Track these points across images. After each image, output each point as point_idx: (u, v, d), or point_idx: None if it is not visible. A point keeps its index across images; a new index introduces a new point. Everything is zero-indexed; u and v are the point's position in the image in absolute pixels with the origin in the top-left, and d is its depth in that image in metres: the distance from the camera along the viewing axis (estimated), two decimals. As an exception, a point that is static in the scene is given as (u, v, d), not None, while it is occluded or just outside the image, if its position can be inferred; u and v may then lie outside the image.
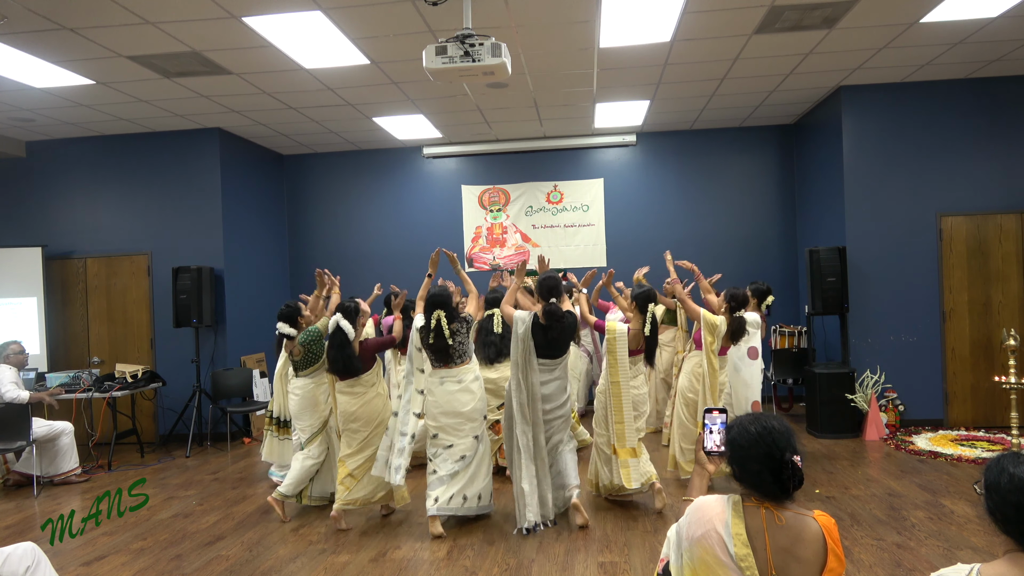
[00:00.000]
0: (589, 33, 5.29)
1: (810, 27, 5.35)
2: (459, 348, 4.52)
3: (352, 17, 4.80)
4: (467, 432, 4.50)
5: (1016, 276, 6.86)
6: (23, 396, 5.91)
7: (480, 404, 4.56)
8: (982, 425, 6.80)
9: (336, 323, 4.52)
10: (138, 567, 4.08)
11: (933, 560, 3.73)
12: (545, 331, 4.40)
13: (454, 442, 4.49)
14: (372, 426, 4.64)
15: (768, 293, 5.66)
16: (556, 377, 4.52)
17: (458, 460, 4.48)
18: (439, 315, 4.40)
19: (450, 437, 4.50)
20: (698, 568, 1.86)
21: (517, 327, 4.42)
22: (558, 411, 4.52)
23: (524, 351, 4.40)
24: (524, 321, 4.43)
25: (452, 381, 4.51)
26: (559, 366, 4.54)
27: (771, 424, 1.90)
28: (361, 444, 4.64)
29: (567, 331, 4.46)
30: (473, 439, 4.52)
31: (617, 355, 4.57)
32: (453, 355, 4.50)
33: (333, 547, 4.28)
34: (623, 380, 4.57)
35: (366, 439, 4.64)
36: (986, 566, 1.58)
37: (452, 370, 4.52)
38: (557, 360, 4.51)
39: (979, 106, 6.94)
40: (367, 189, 9.13)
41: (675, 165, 8.74)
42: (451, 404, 4.48)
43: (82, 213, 7.86)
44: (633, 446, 4.56)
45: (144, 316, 7.78)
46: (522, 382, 4.41)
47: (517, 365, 4.42)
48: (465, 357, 4.57)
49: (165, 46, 5.19)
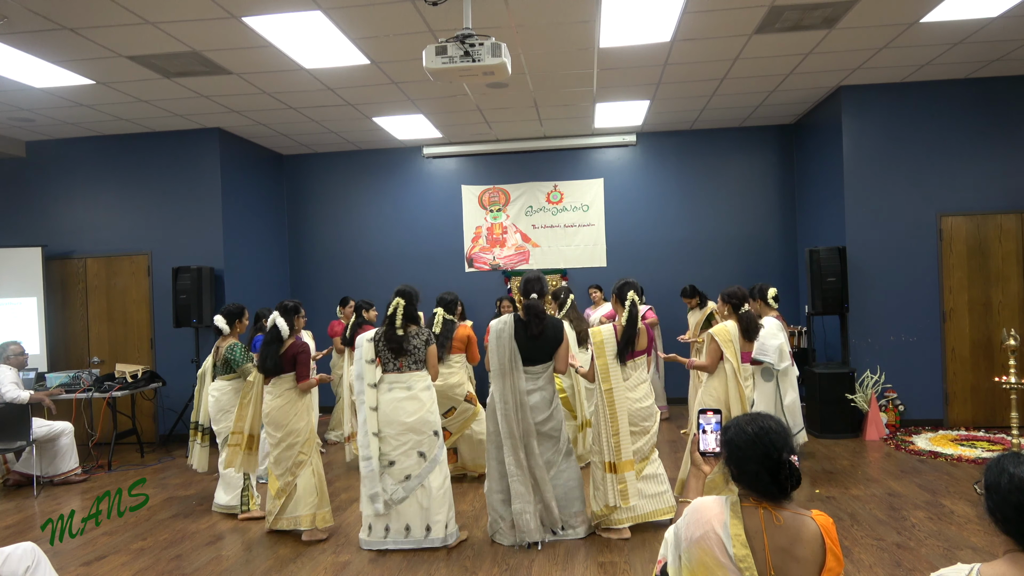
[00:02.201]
0: (589, 33, 5.29)
1: (810, 27, 5.35)
2: (414, 352, 4.21)
3: (352, 17, 4.80)
4: (410, 447, 4.11)
5: (1016, 276, 6.85)
6: (23, 396, 5.90)
7: (429, 417, 4.17)
8: (982, 425, 6.80)
9: (273, 321, 4.42)
10: (138, 567, 4.08)
11: (933, 560, 3.73)
12: (527, 328, 4.12)
13: (396, 459, 4.11)
14: (283, 431, 4.32)
15: (767, 289, 5.57)
16: (539, 387, 4.17)
17: (402, 481, 4.11)
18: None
19: (392, 452, 4.12)
20: (696, 569, 1.86)
21: (499, 333, 4.14)
22: (543, 426, 4.16)
23: (510, 356, 4.10)
24: (506, 323, 4.18)
25: (400, 387, 4.18)
26: (543, 375, 4.20)
27: (768, 424, 1.90)
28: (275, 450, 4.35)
29: (549, 331, 4.16)
30: (418, 456, 4.11)
31: (606, 359, 4.19)
32: (407, 356, 4.19)
33: (333, 547, 4.28)
34: (616, 386, 4.15)
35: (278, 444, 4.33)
36: (986, 566, 1.58)
37: (402, 375, 4.19)
38: (540, 367, 4.19)
39: (979, 106, 6.94)
40: (367, 189, 9.13)
41: (675, 165, 8.74)
42: (395, 413, 4.13)
43: (82, 213, 7.86)
44: (631, 459, 4.11)
45: (144, 316, 7.79)
46: (507, 391, 4.10)
47: (502, 373, 4.11)
48: (419, 365, 4.23)
49: (165, 46, 5.19)
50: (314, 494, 4.37)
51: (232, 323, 5.11)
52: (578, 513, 4.26)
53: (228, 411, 4.97)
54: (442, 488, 4.16)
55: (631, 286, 4.28)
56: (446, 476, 4.22)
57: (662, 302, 8.07)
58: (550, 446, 4.21)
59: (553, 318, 4.27)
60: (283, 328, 4.39)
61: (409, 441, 4.12)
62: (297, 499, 4.36)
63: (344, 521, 4.73)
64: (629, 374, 4.24)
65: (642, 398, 4.24)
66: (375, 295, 7.00)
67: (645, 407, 4.23)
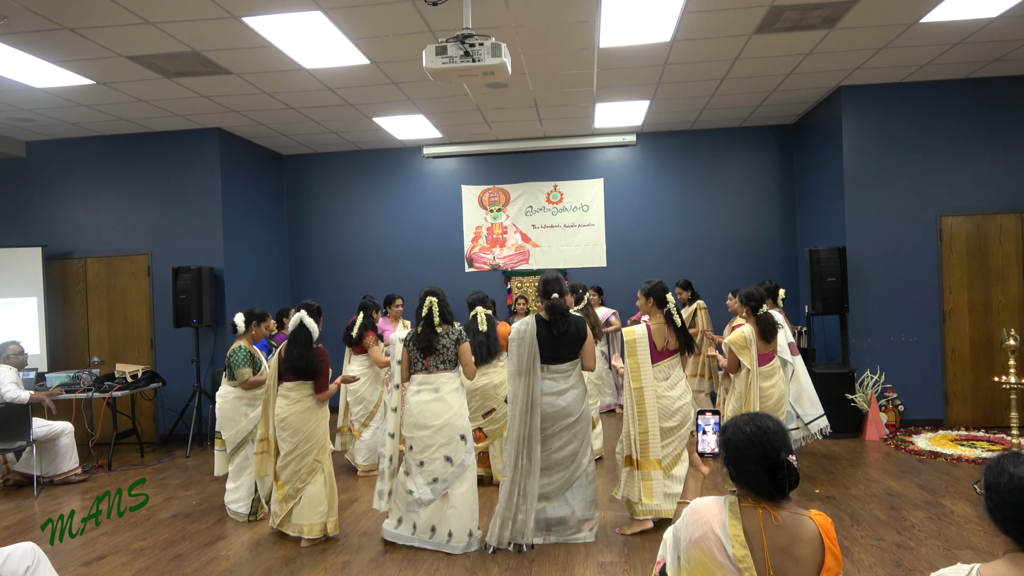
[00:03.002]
0: (589, 33, 5.29)
1: (810, 27, 5.35)
2: (443, 352, 4.19)
3: (352, 17, 4.80)
4: (437, 450, 4.08)
5: (1016, 276, 6.85)
6: (23, 396, 5.91)
7: (456, 420, 4.12)
8: (982, 425, 6.80)
9: (299, 320, 4.30)
10: (138, 567, 4.08)
11: (933, 560, 3.73)
12: (549, 328, 4.09)
13: (424, 459, 4.12)
14: (299, 437, 4.24)
15: (778, 288, 5.77)
16: (571, 386, 4.12)
17: (431, 483, 4.09)
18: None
19: (420, 454, 4.13)
20: (696, 570, 1.86)
21: (522, 335, 4.10)
22: (576, 425, 4.12)
23: (530, 356, 4.07)
24: (527, 324, 4.13)
25: (428, 390, 4.15)
26: (572, 372, 4.16)
27: (766, 424, 1.90)
28: (288, 456, 4.27)
29: (573, 329, 4.13)
30: (444, 460, 4.08)
31: (638, 358, 4.21)
32: (436, 356, 4.18)
33: (333, 547, 4.28)
34: (647, 385, 4.16)
35: (292, 451, 4.25)
36: (986, 566, 1.58)
37: (430, 376, 4.18)
38: (568, 365, 4.15)
39: (979, 106, 6.94)
40: (367, 189, 9.13)
41: (675, 165, 8.74)
42: (422, 416, 4.11)
43: (82, 213, 7.86)
44: (658, 458, 4.11)
45: (144, 316, 7.79)
46: (520, 392, 4.07)
47: (520, 374, 4.08)
48: (447, 365, 4.20)
49: (165, 46, 5.19)
50: (324, 502, 4.29)
51: (249, 324, 4.98)
52: (587, 519, 4.21)
53: (232, 419, 4.92)
54: (467, 495, 4.12)
55: (666, 288, 4.33)
56: (473, 482, 4.18)
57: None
58: (576, 446, 4.15)
59: (576, 315, 4.25)
60: (313, 328, 4.31)
61: (435, 443, 4.09)
62: (302, 508, 4.27)
63: (343, 521, 4.72)
64: (668, 372, 4.27)
65: (680, 396, 4.26)
66: (375, 295, 6.98)
67: (684, 404, 4.25)
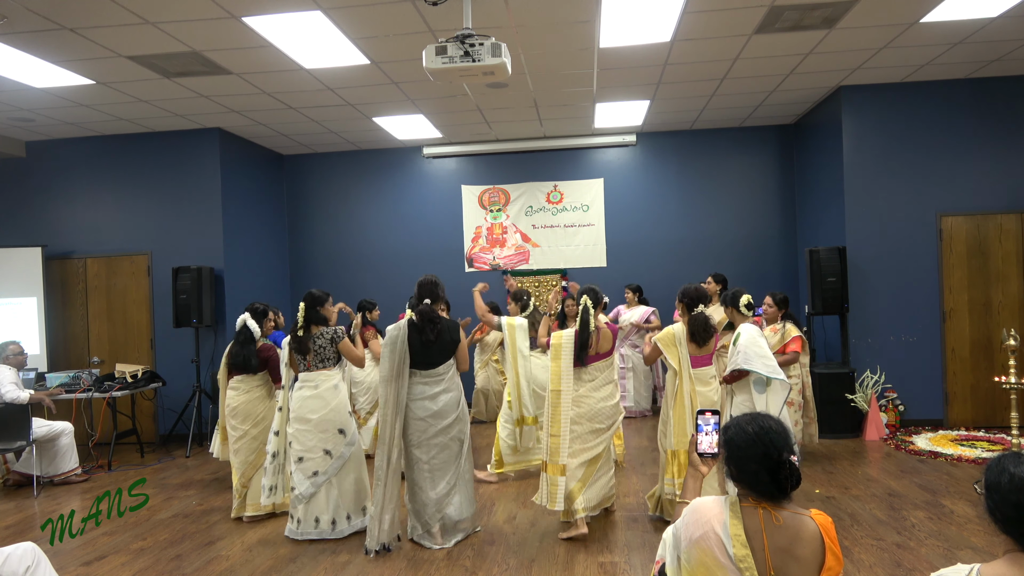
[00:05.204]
0: (589, 33, 5.29)
1: (810, 27, 5.35)
2: (320, 351, 4.38)
3: (352, 17, 4.80)
4: (315, 444, 4.29)
5: (1016, 276, 6.85)
6: (23, 396, 5.90)
7: (333, 416, 4.32)
8: (982, 425, 6.80)
9: (243, 321, 4.88)
10: (138, 567, 4.08)
11: (933, 560, 3.73)
12: (421, 332, 4.13)
13: (304, 455, 4.30)
14: (249, 424, 4.83)
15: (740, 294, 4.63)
16: (445, 388, 4.19)
17: (311, 476, 4.29)
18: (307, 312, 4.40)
19: (300, 449, 4.33)
20: (696, 569, 1.86)
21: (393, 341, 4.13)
22: (453, 428, 4.19)
23: (400, 361, 4.10)
24: (399, 329, 4.15)
25: (309, 386, 4.37)
26: (446, 376, 4.22)
27: (768, 424, 1.90)
28: (238, 442, 4.83)
29: (445, 335, 4.19)
30: (324, 453, 4.29)
31: (561, 362, 4.23)
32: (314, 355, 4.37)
33: (333, 547, 4.28)
34: (564, 389, 4.20)
35: (242, 436, 4.83)
36: (986, 566, 1.58)
37: (311, 374, 4.39)
38: (443, 368, 4.21)
39: (979, 106, 6.94)
40: (367, 189, 9.13)
41: (675, 165, 8.74)
42: (301, 410, 4.33)
43: (82, 213, 7.86)
44: (564, 463, 4.12)
45: (144, 316, 7.79)
46: (390, 397, 4.10)
47: (390, 380, 4.11)
48: (327, 363, 4.41)
49: (165, 46, 5.19)
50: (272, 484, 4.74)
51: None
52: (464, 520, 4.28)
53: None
54: (354, 483, 4.41)
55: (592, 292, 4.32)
56: (359, 472, 4.45)
57: (662, 302, 8.06)
58: (455, 448, 4.22)
59: (448, 320, 4.30)
60: (255, 329, 4.91)
61: (313, 439, 4.32)
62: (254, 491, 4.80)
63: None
64: (595, 375, 4.28)
65: (607, 397, 4.30)
66: (375, 295, 7.00)
67: (610, 406, 4.29)
